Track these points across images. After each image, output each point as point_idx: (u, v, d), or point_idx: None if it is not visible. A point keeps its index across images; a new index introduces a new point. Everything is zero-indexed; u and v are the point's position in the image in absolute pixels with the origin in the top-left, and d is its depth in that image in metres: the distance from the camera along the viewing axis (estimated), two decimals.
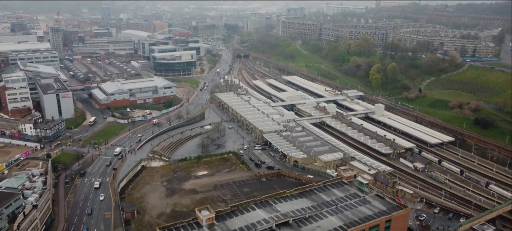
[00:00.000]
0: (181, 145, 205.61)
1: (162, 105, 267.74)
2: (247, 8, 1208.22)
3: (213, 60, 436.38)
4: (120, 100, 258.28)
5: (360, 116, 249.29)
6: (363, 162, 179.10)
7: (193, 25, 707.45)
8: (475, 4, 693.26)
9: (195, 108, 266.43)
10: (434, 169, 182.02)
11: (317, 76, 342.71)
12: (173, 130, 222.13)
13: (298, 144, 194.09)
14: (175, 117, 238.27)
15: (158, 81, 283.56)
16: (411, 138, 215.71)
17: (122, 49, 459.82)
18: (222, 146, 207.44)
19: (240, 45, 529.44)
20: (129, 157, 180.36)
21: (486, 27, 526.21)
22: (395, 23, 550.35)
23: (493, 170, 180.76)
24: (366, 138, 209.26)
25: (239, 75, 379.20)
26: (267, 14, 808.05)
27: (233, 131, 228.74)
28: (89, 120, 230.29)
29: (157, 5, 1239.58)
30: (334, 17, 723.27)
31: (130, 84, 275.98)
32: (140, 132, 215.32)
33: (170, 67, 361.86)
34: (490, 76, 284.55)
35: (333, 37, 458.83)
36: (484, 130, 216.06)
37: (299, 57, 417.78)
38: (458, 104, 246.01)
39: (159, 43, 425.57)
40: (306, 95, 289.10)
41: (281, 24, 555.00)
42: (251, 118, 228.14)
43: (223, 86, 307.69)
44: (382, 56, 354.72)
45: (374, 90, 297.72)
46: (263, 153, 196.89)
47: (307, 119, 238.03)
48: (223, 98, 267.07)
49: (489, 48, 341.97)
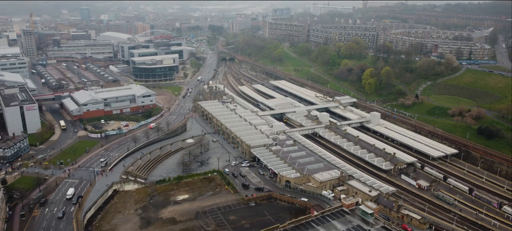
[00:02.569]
0: (159, 163, 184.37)
1: (141, 115, 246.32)
2: (233, 8, 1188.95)
3: (197, 64, 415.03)
4: (93, 111, 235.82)
5: (355, 125, 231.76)
6: (363, 181, 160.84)
7: (176, 27, 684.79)
8: (464, 4, 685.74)
9: (177, 118, 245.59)
10: (440, 187, 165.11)
11: (307, 81, 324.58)
12: (151, 145, 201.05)
13: (290, 161, 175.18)
14: (153, 129, 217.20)
15: (136, 89, 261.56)
16: (411, 150, 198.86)
17: (100, 53, 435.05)
18: (206, 162, 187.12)
19: (226, 48, 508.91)
20: (99, 180, 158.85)
21: (476, 27, 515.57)
22: (384, 24, 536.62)
23: (504, 187, 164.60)
24: (363, 152, 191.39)
25: (225, 80, 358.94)
26: (252, 15, 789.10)
27: (218, 144, 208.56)
28: (62, 124, 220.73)
29: (140, 5, 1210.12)
30: (321, 17, 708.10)
31: (105, 93, 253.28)
32: (114, 148, 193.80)
33: (150, 72, 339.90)
34: (489, 81, 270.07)
35: (322, 39, 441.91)
36: (489, 140, 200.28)
37: (287, 60, 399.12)
38: (459, 111, 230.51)
39: (140, 46, 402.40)
40: (296, 102, 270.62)
41: (268, 26, 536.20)
42: (237, 130, 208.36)
43: (207, 93, 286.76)
44: (375, 59, 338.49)
45: (368, 96, 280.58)
46: (251, 171, 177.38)
47: (298, 130, 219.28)
48: (207, 108, 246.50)
49: (485, 50, 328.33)
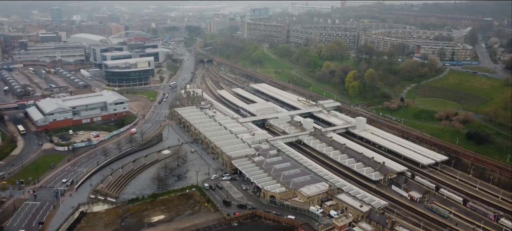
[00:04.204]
0: (132, 178, 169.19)
1: (113, 124, 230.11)
2: (210, 8, 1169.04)
3: (173, 66, 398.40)
4: (61, 121, 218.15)
5: (340, 131, 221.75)
6: (353, 194, 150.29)
7: (152, 27, 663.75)
8: (441, 4, 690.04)
9: (152, 127, 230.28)
10: (433, 198, 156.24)
11: (288, 84, 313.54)
12: (124, 158, 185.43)
13: (274, 173, 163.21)
14: (126, 140, 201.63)
15: (107, 96, 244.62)
16: (400, 158, 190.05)
17: (71, 56, 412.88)
18: (183, 177, 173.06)
19: (203, 49, 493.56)
20: (64, 201, 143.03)
21: (455, 27, 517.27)
22: (364, 24, 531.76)
23: (499, 197, 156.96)
24: (351, 161, 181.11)
25: (203, 84, 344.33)
26: (230, 15, 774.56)
27: (197, 155, 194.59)
28: (21, 129, 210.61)
29: (115, 5, 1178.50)
30: (300, 17, 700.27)
31: (74, 100, 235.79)
32: (83, 162, 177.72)
33: (124, 76, 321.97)
34: (474, 82, 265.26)
35: (302, 40, 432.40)
36: (479, 145, 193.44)
37: (267, 62, 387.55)
38: (446, 115, 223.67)
39: (112, 48, 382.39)
40: (278, 107, 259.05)
41: (246, 26, 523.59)
42: (217, 140, 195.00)
43: (185, 99, 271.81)
44: (357, 61, 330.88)
45: (352, 100, 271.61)
46: (233, 185, 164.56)
47: (282, 138, 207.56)
48: (184, 115, 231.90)
49: (467, 50, 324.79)
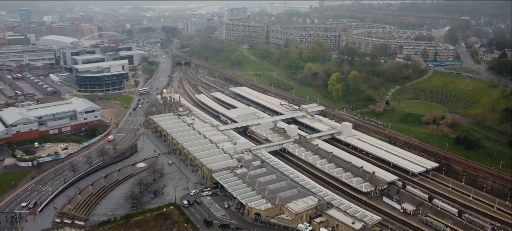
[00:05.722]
0: (104, 197, 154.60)
1: (83, 135, 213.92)
2: (187, 8, 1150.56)
3: (149, 69, 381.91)
4: (25, 132, 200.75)
5: (326, 137, 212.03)
6: (343, 209, 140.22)
7: (127, 28, 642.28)
8: (418, 3, 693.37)
9: (126, 136, 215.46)
10: (427, 210, 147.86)
11: (270, 87, 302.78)
12: (94, 173, 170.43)
13: (259, 187, 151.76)
14: (97, 152, 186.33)
15: (77, 104, 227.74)
16: (389, 165, 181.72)
17: (40, 59, 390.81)
18: (160, 193, 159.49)
19: (181, 51, 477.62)
20: (24, 227, 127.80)
21: (433, 26, 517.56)
22: (343, 24, 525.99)
23: (494, 207, 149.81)
24: (339, 171, 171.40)
25: (180, 88, 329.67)
26: (208, 15, 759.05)
27: (174, 167, 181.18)
28: None
29: (88, 6, 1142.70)
30: (278, 17, 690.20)
31: (40, 109, 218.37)
32: (49, 179, 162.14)
33: (96, 81, 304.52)
34: (459, 84, 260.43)
35: (282, 41, 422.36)
36: (468, 150, 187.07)
37: (247, 64, 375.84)
38: (433, 119, 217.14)
39: (84, 52, 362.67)
40: (260, 112, 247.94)
41: (225, 27, 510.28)
42: (196, 150, 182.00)
43: (161, 105, 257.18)
44: (339, 62, 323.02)
45: (336, 103, 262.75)
46: (214, 201, 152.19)
47: (265, 147, 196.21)
48: (160, 123, 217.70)
49: (449, 51, 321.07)
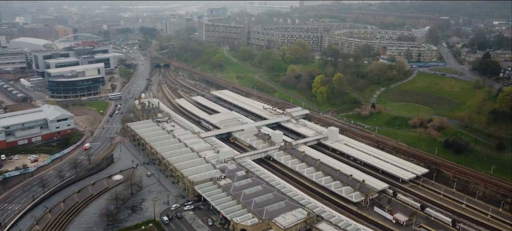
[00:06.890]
0: (77, 214, 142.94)
1: (55, 145, 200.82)
2: (166, 8, 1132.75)
3: (127, 72, 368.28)
4: None
5: (312, 143, 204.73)
6: (334, 222, 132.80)
7: (104, 29, 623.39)
8: (398, 3, 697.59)
9: (102, 145, 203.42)
10: (420, 220, 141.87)
11: (252, 90, 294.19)
12: (67, 187, 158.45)
13: (244, 200, 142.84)
14: (70, 164, 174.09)
15: (49, 112, 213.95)
16: (378, 172, 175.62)
17: (10, 63, 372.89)
18: (138, 208, 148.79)
19: (159, 53, 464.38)
20: None
21: (413, 26, 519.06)
22: (324, 24, 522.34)
23: (488, 214, 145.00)
24: (327, 179, 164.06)
25: (159, 92, 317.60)
26: (187, 15, 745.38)
27: (154, 179, 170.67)
28: None
29: (63, 6, 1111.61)
30: (259, 17, 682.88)
31: (7, 118, 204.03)
32: (16, 196, 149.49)
33: (70, 86, 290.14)
34: (444, 85, 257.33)
35: (264, 42, 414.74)
36: (458, 155, 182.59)
37: (229, 66, 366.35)
38: (420, 122, 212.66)
39: (57, 55, 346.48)
40: (243, 117, 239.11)
41: (205, 27, 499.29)
42: (176, 160, 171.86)
43: (139, 111, 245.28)
44: (322, 64, 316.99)
45: (321, 106, 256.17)
46: (197, 216, 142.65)
47: (250, 155, 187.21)
48: (138, 130, 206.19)
49: (432, 51, 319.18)
